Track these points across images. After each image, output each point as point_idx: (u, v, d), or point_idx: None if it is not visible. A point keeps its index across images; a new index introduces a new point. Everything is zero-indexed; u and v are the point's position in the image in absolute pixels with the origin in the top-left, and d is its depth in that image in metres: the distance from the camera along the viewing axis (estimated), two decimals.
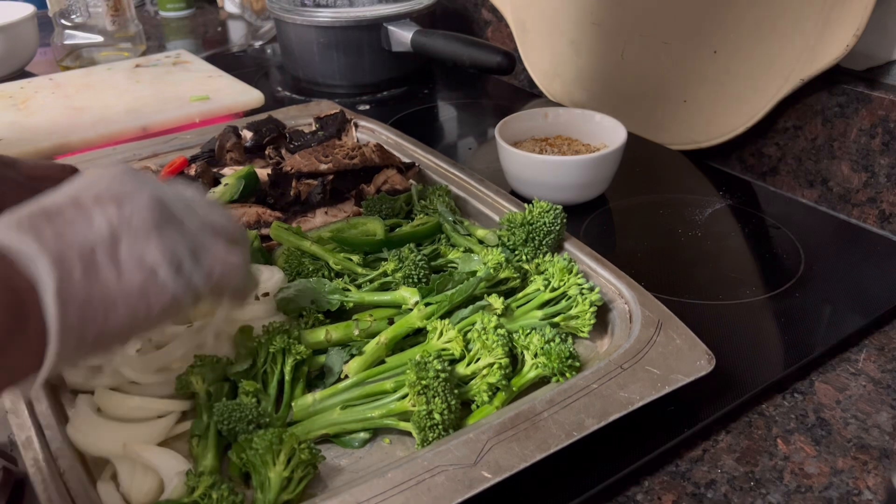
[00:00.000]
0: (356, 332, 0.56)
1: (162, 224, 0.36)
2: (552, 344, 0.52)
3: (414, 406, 0.48)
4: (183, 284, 0.36)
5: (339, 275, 0.63)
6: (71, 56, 1.30)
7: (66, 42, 1.29)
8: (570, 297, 0.58)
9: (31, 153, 0.88)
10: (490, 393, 0.51)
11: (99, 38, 1.30)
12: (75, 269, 0.32)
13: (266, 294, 0.60)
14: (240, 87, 1.07)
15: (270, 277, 0.61)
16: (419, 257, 0.60)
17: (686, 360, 0.51)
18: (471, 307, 0.57)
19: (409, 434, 0.49)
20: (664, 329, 0.54)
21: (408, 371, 0.49)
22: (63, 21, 1.28)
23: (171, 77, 1.12)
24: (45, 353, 0.31)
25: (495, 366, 0.51)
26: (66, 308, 0.31)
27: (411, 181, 0.81)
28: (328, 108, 0.96)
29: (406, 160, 0.84)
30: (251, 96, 1.04)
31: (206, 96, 1.04)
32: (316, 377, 0.55)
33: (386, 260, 0.62)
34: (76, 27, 1.29)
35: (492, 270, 0.59)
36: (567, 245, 0.66)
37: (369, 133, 0.91)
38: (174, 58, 1.21)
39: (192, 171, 0.79)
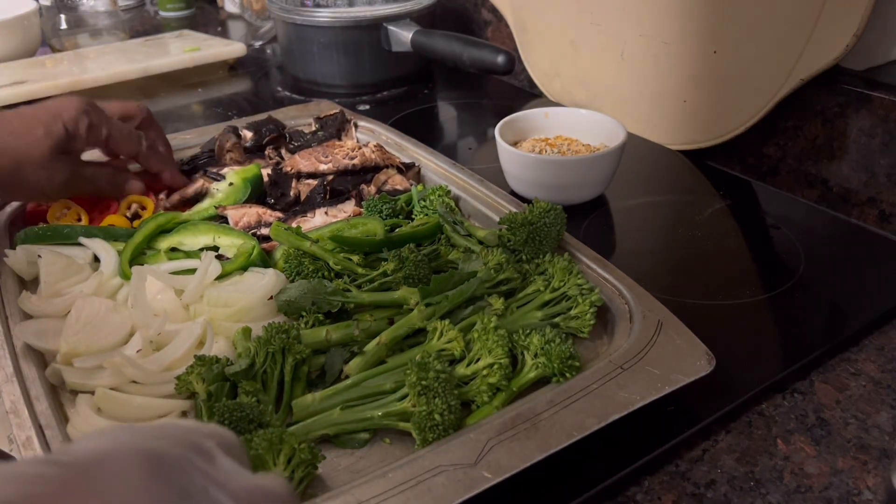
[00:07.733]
0: (356, 332, 0.56)
1: None
2: (552, 344, 0.52)
3: (414, 406, 0.48)
4: None
5: (339, 275, 0.63)
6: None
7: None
8: (570, 298, 0.58)
9: (50, 87, 1.11)
10: (490, 393, 0.51)
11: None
12: None
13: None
14: (225, 42, 1.35)
15: (270, 280, 0.61)
16: (419, 258, 0.60)
17: (686, 360, 0.51)
18: (471, 307, 0.57)
19: (409, 434, 0.49)
20: (664, 329, 0.54)
21: (408, 371, 0.49)
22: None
23: (171, 42, 1.37)
24: None
25: (495, 366, 0.51)
26: None
27: (411, 181, 0.81)
28: (328, 108, 0.96)
29: (406, 160, 0.84)
30: (234, 47, 1.31)
31: (196, 48, 1.29)
32: (316, 377, 0.55)
33: (386, 260, 0.62)
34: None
35: (492, 271, 0.59)
36: (567, 245, 0.66)
37: (369, 133, 0.91)
38: (177, 34, 1.43)
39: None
